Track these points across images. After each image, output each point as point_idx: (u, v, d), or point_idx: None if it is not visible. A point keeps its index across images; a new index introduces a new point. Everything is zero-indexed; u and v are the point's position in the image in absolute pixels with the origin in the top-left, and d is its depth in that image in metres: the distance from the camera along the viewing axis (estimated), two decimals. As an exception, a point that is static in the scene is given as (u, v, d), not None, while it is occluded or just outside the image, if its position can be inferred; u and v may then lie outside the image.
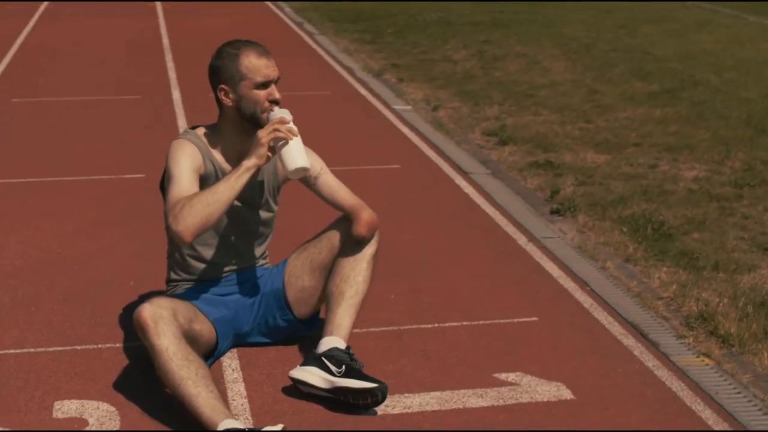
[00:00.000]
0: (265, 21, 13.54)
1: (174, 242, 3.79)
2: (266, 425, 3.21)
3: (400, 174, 6.35)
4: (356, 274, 3.69)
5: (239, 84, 3.56)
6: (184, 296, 3.68)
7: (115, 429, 3.32)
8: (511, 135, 7.22)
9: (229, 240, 3.80)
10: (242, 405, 3.49)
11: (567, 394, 3.57)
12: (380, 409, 3.45)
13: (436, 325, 4.12)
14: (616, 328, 4.11)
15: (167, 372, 3.24)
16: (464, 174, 6.31)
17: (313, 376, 3.47)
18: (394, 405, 3.48)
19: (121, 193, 5.83)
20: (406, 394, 3.55)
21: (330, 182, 3.78)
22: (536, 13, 14.00)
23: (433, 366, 3.77)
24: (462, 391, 3.58)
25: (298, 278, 3.81)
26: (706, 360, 3.88)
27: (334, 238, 3.79)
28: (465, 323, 4.14)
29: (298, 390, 3.53)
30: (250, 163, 3.40)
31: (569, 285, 4.55)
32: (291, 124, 3.46)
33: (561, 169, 6.41)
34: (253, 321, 3.85)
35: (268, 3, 15.51)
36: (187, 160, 3.54)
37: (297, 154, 3.43)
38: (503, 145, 7.03)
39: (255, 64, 3.56)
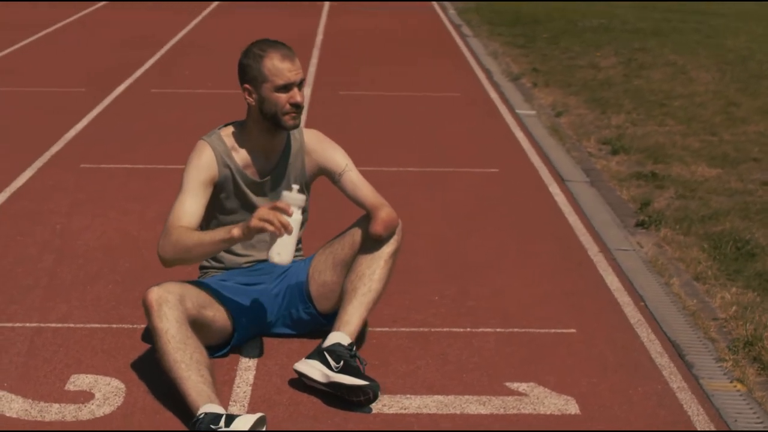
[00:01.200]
0: (425, 21, 13.61)
1: (205, 229, 3.90)
2: (255, 413, 3.24)
3: (495, 178, 6.28)
4: (371, 272, 3.69)
5: (261, 85, 3.62)
6: (210, 283, 3.76)
7: (116, 406, 3.43)
8: (625, 144, 7.02)
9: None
10: (244, 392, 3.54)
11: (574, 408, 3.45)
12: (377, 408, 3.44)
13: (468, 329, 4.06)
14: (654, 346, 3.95)
15: (163, 354, 3.33)
16: (561, 181, 6.18)
17: (313, 369, 3.49)
18: (391, 405, 3.46)
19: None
20: (408, 396, 3.53)
21: (354, 180, 3.79)
22: (703, 23, 13.52)
23: (447, 370, 3.72)
24: (466, 397, 3.52)
25: (321, 273, 3.84)
26: (739, 386, 3.67)
27: (356, 235, 3.80)
28: (499, 330, 4.06)
29: (303, 382, 3.55)
30: (235, 233, 3.41)
31: (623, 299, 4.40)
32: (294, 214, 3.37)
33: (664, 181, 6.18)
34: (277, 312, 3.90)
35: (434, 4, 15.58)
36: (199, 173, 3.65)
37: (281, 249, 3.37)
38: (614, 155, 6.84)
39: (278, 67, 3.60)
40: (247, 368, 3.73)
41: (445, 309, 4.27)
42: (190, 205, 3.62)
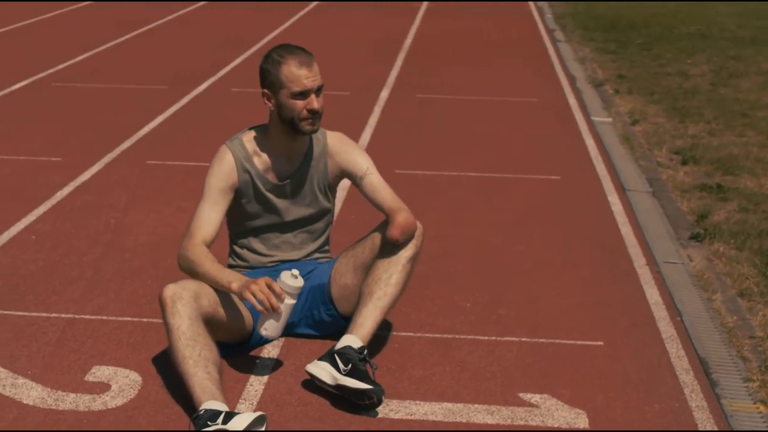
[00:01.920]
0: (520, 26, 13.50)
1: (231, 231, 3.97)
2: (255, 412, 3.27)
3: (555, 185, 6.20)
4: (388, 277, 3.69)
5: (279, 91, 3.67)
6: (245, 280, 3.82)
7: (128, 398, 3.51)
8: (697, 155, 6.85)
9: (279, 232, 3.93)
10: (256, 390, 3.58)
11: (583, 422, 3.40)
12: (384, 412, 3.44)
13: (492, 338, 4.03)
14: (681, 363, 3.85)
15: (174, 349, 3.40)
16: (622, 191, 6.07)
17: (322, 371, 3.51)
18: (399, 410, 3.46)
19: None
20: (418, 402, 3.52)
21: (374, 183, 3.80)
22: (811, 30, 13.10)
23: (462, 378, 3.70)
24: (475, 405, 3.50)
25: (342, 275, 3.86)
26: (761, 407, 3.56)
27: (376, 238, 3.81)
28: (524, 339, 4.02)
29: (314, 384, 3.57)
30: (233, 287, 3.52)
31: (660, 313, 4.30)
32: (287, 299, 3.50)
33: (729, 194, 6.02)
34: (300, 312, 3.93)
35: (533, 8, 15.45)
36: (218, 180, 3.74)
37: (268, 326, 3.53)
38: (683, 165, 6.68)
39: (294, 74, 3.64)
40: (264, 367, 3.77)
41: (474, 316, 4.24)
42: (209, 214, 3.72)
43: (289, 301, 3.54)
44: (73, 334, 4.00)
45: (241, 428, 3.14)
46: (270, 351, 3.87)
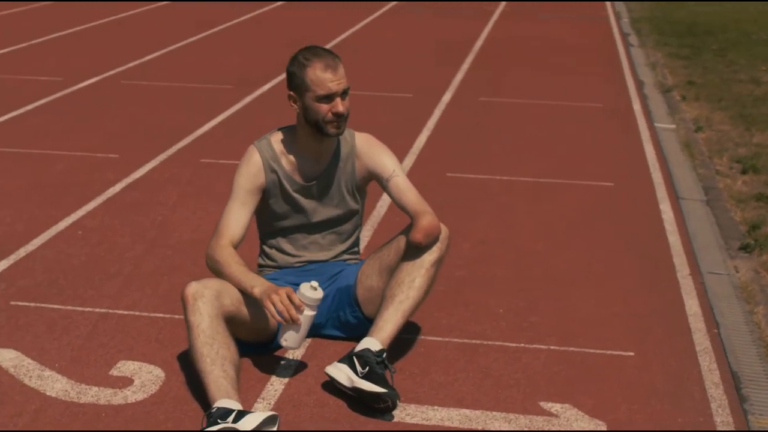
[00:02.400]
0: (594, 30, 13.34)
1: (260, 231, 3.99)
2: (268, 412, 3.28)
3: (607, 192, 6.11)
4: (411, 280, 3.67)
5: (305, 94, 3.68)
6: (270, 280, 3.83)
7: (149, 393, 3.55)
8: (758, 164, 6.69)
9: (307, 233, 3.94)
10: (276, 390, 3.59)
11: (601, 434, 3.34)
12: (399, 417, 3.42)
13: (521, 345, 3.98)
14: (711, 376, 3.76)
15: (193, 347, 3.43)
16: (675, 199, 5.95)
17: (341, 373, 3.50)
18: (415, 415, 3.44)
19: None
20: (436, 407, 3.49)
21: (399, 185, 3.78)
22: None
23: (484, 384, 3.66)
24: (494, 413, 3.46)
25: (368, 277, 3.85)
26: (790, 426, 3.45)
27: (401, 241, 3.79)
28: (553, 348, 3.96)
29: (334, 385, 3.57)
30: (255, 292, 3.57)
31: (697, 325, 4.21)
32: (306, 311, 3.53)
33: (786, 205, 5.86)
34: (327, 313, 3.93)
35: (609, 10, 15.26)
36: (246, 180, 3.78)
37: (288, 336, 3.56)
38: (743, 174, 6.53)
39: (319, 78, 3.64)
40: (287, 367, 3.77)
41: (506, 323, 4.20)
42: (237, 214, 3.76)
43: (309, 313, 3.55)
44: (104, 329, 4.06)
45: (250, 428, 3.14)
46: (295, 352, 3.88)
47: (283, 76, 9.42)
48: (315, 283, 3.58)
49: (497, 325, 4.17)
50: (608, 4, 16.14)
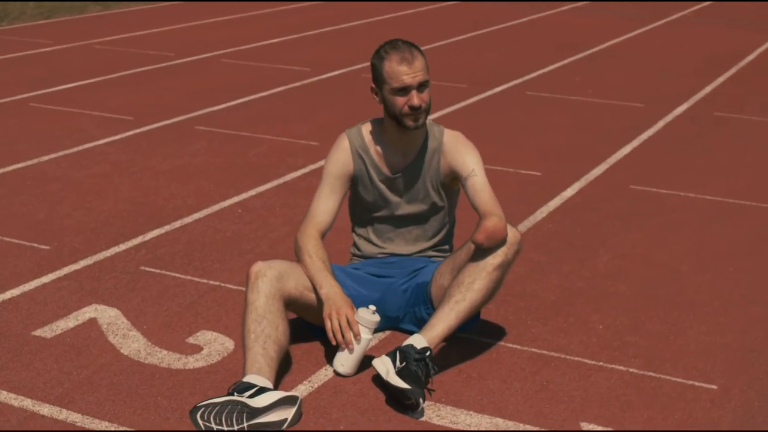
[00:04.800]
0: None
1: (352, 221, 4.08)
2: (289, 392, 3.35)
3: (797, 218, 5.64)
4: (471, 282, 3.62)
5: (383, 87, 3.72)
6: (340, 269, 3.93)
7: (209, 363, 3.73)
8: None
9: (393, 226, 3.99)
10: (325, 376, 3.67)
11: (627, 463, 3.15)
12: (428, 416, 3.40)
13: (599, 364, 3.81)
14: (791, 423, 3.43)
15: (244, 323, 3.57)
16: None
17: (382, 365, 3.51)
18: (444, 416, 3.41)
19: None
20: (471, 412, 3.44)
21: (475, 185, 3.74)
22: None
23: (536, 397, 3.55)
24: (526, 426, 3.35)
25: (441, 276, 3.83)
26: None
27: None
28: (632, 370, 3.76)
29: (381, 377, 3.59)
30: (320, 293, 3.67)
31: (811, 367, 3.84)
32: (364, 334, 3.58)
33: None
34: (405, 307, 3.96)
35: None
36: (334, 165, 3.89)
37: (344, 361, 3.61)
38: None
39: (395, 70, 3.67)
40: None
41: (597, 339, 4.03)
42: (326, 201, 3.87)
43: (366, 336, 3.60)
44: (206, 300, 4.29)
45: (262, 405, 3.23)
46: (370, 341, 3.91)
47: (530, 77, 9.45)
48: (373, 307, 3.64)
49: (586, 341, 4.00)
50: None
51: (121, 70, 9.57)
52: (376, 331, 3.93)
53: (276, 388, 3.49)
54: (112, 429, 3.26)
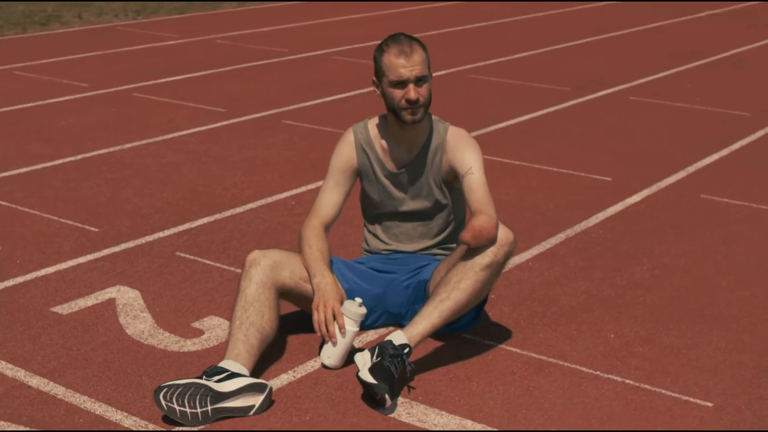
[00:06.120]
0: None
1: (363, 215, 4.11)
2: (258, 380, 3.40)
3: None
4: (457, 281, 3.59)
5: (382, 79, 3.73)
6: (342, 262, 3.97)
7: (205, 347, 3.82)
8: None
9: (399, 222, 3.99)
10: (312, 367, 3.70)
11: (584, 474, 3.08)
12: (398, 413, 3.39)
13: (596, 373, 3.71)
14: (778, 446, 3.27)
15: (233, 308, 3.65)
16: None
17: (360, 360, 3.51)
18: (414, 414, 3.39)
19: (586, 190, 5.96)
20: (443, 412, 3.40)
21: (472, 183, 3.70)
22: None
23: (517, 402, 3.48)
24: (493, 430, 3.30)
25: (439, 274, 3.81)
26: None
27: (468, 241, 3.70)
28: (628, 382, 3.64)
29: (369, 371, 3.60)
30: (312, 282, 3.73)
31: (823, 391, 3.64)
32: (350, 326, 3.59)
33: None
34: (406, 304, 3.96)
35: None
36: (338, 159, 3.93)
37: (330, 353, 3.63)
38: None
39: (392, 63, 3.67)
40: (343, 348, 3.84)
41: (603, 348, 3.92)
42: (330, 194, 3.92)
43: (351, 329, 3.62)
44: (226, 287, 4.39)
45: (227, 389, 3.30)
46: (363, 337, 3.93)
47: (630, 84, 9.23)
48: (359, 300, 3.66)
49: (591, 349, 3.90)
50: None
51: (232, 65, 9.83)
52: (371, 325, 3.94)
53: (258, 375, 3.55)
54: (88, 404, 3.37)
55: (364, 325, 3.94)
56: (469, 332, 3.98)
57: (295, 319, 3.99)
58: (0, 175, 6.04)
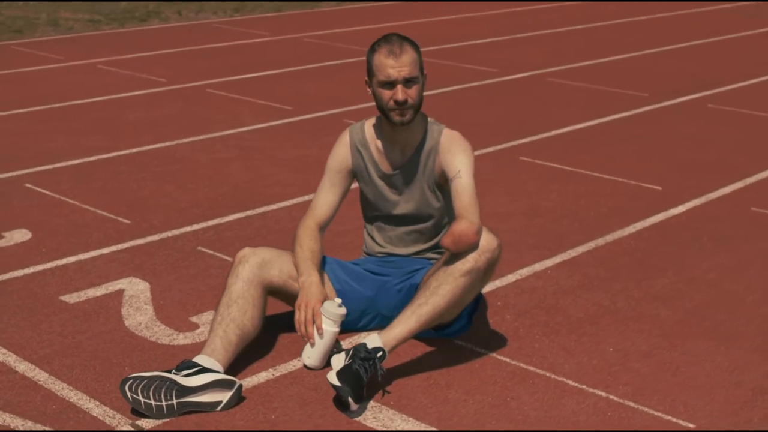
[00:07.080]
0: None
1: (363, 217, 4.10)
2: (229, 377, 3.43)
3: None
4: (437, 286, 3.55)
5: (372, 79, 3.72)
6: (336, 262, 3.98)
7: (194, 341, 3.88)
8: None
9: (394, 225, 3.98)
10: (293, 367, 3.71)
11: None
12: (364, 417, 3.37)
13: (581, 387, 3.62)
14: (750, 473, 3.14)
15: (217, 303, 3.69)
16: None
17: (336, 361, 3.53)
18: (380, 419, 3.37)
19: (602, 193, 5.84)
20: (410, 419, 3.37)
21: (458, 187, 3.65)
22: None
23: (490, 412, 3.42)
24: (456, 439, 3.27)
25: (427, 277, 3.78)
26: None
27: (455, 246, 3.66)
28: (612, 398, 3.54)
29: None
30: (299, 281, 3.73)
31: (819, 417, 3.48)
32: (329, 327, 3.59)
33: None
34: (399, 307, 3.91)
35: None
36: (334, 159, 3.96)
37: (310, 353, 3.63)
38: None
39: (381, 63, 3.65)
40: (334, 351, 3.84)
41: (597, 361, 3.82)
42: (325, 194, 3.94)
43: (330, 329, 3.62)
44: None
45: (193, 384, 3.33)
46: (350, 338, 3.92)
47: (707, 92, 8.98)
48: (338, 300, 3.66)
49: (584, 363, 3.81)
50: None
51: (312, 63, 9.92)
52: (364, 327, 3.94)
53: (238, 372, 3.58)
54: (65, 392, 3.45)
55: (357, 327, 3.94)
56: (463, 339, 3.94)
57: (288, 317, 4.00)
58: (53, 166, 6.24)
